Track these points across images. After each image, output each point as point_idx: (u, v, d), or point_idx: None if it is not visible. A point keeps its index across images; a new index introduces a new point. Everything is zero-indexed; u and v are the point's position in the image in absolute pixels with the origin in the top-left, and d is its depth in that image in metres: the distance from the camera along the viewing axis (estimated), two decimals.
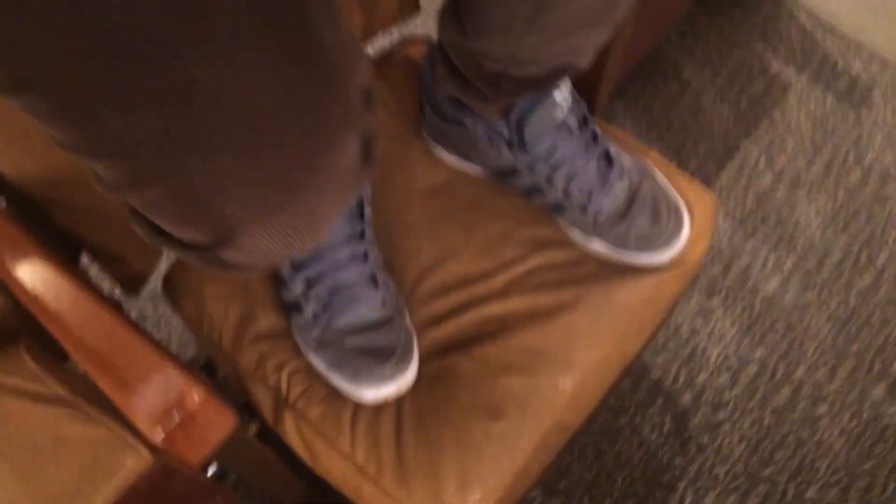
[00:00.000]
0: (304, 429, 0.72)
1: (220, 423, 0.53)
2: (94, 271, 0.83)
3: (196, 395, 0.50)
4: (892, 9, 1.43)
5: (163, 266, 0.82)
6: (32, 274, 0.55)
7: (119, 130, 0.38)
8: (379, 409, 0.71)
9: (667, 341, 1.16)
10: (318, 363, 0.73)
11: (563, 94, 0.70)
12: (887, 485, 1.07)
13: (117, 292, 0.98)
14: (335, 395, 0.72)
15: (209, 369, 0.93)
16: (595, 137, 0.74)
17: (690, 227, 0.76)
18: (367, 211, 0.73)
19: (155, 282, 0.82)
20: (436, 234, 0.79)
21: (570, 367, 0.72)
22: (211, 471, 0.83)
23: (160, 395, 0.50)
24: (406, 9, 0.91)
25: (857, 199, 1.26)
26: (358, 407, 0.71)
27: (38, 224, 0.63)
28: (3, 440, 0.58)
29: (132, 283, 0.77)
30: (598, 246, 0.76)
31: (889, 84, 1.36)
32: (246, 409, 0.77)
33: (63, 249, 0.67)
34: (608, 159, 0.74)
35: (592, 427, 1.10)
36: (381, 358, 0.70)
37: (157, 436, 0.49)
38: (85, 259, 0.75)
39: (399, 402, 0.71)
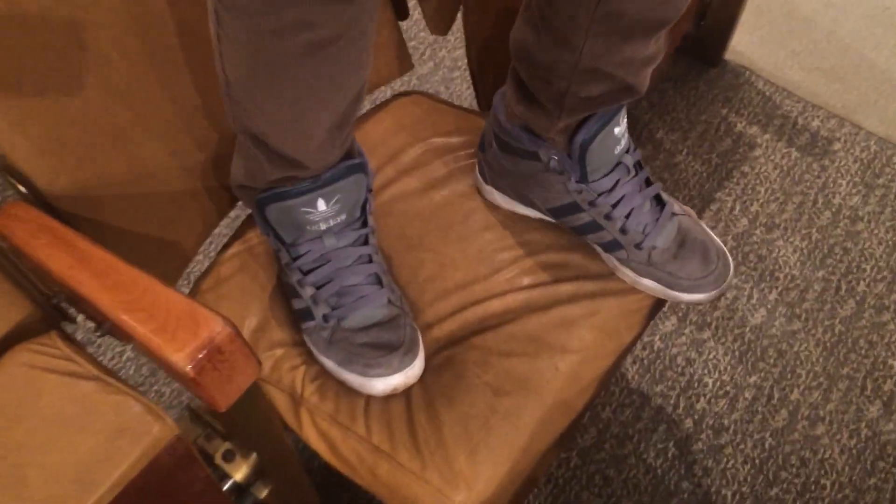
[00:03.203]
0: (319, 421, 0.75)
1: (246, 368, 0.57)
2: None
3: (225, 333, 0.55)
4: (842, 75, 1.56)
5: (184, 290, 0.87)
6: (68, 249, 0.61)
7: None
8: (390, 397, 0.75)
9: (664, 371, 1.19)
10: (329, 363, 0.77)
11: (621, 128, 0.77)
12: (894, 499, 1.07)
13: None
14: (347, 390, 0.76)
15: None
16: (648, 181, 0.80)
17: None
18: (370, 220, 0.80)
19: None
20: (435, 248, 0.85)
21: (566, 351, 0.77)
22: (227, 485, 0.85)
23: (192, 333, 0.54)
24: (402, 67, 1.02)
25: (830, 237, 1.34)
26: (370, 397, 0.75)
27: None
28: (36, 411, 0.62)
29: None
30: (649, 284, 0.80)
31: (847, 137, 1.47)
32: None
33: None
34: (660, 201, 0.81)
35: (599, 455, 1.11)
36: (389, 350, 0.74)
37: (188, 367, 0.53)
38: None
39: (408, 390, 0.75)
